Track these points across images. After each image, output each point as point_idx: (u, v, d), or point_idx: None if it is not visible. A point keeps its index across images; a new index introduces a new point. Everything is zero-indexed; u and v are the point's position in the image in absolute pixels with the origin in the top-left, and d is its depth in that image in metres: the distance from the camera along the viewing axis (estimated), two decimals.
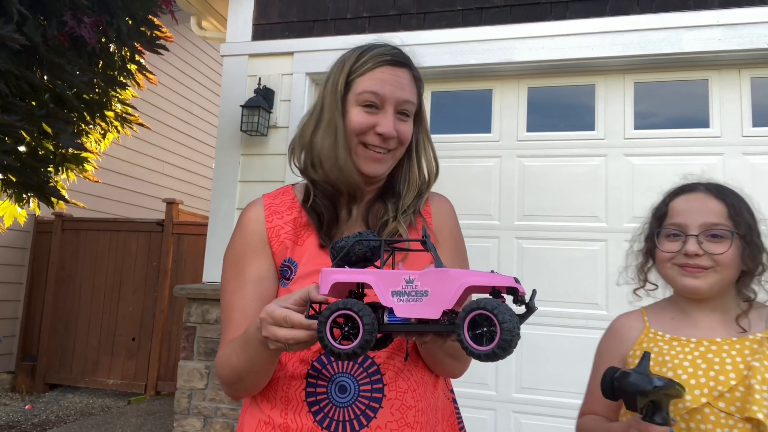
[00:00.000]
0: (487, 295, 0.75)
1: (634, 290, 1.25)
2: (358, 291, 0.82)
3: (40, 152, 2.24)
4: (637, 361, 1.07)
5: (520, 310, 0.77)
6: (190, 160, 7.78)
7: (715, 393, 1.06)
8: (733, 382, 1.06)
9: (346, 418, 0.98)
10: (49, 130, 2.20)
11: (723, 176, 3.25)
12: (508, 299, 0.74)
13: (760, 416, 1.01)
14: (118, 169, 6.25)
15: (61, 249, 5.82)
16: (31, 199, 2.37)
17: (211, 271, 3.85)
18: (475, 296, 0.78)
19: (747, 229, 1.13)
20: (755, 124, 3.29)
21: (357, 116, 1.08)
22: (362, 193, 1.12)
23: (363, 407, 0.99)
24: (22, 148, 2.14)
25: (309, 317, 0.82)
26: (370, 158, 1.10)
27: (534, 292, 0.78)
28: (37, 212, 2.83)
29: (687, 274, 1.13)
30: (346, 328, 0.77)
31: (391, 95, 1.08)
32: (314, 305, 0.83)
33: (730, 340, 1.12)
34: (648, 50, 3.33)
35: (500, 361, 3.36)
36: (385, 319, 0.78)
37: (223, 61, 4.12)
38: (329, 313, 0.77)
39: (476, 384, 3.38)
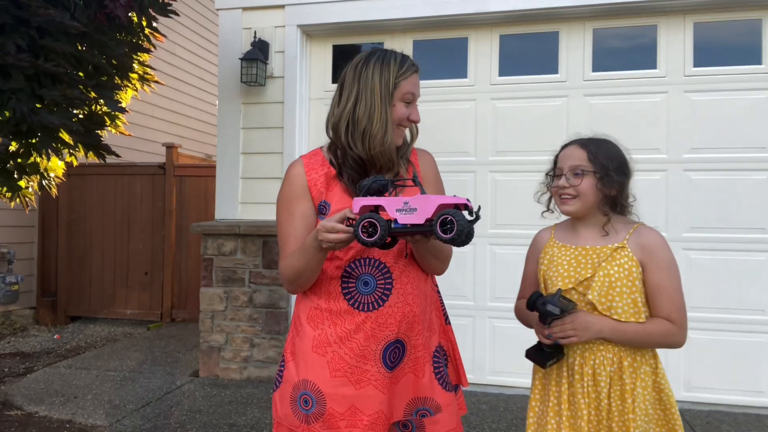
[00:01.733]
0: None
1: (542, 213, 1.76)
2: (375, 211, 1.35)
3: (94, 117, 2.66)
4: (546, 258, 1.69)
5: (471, 217, 1.32)
6: (181, 104, 8.03)
7: (576, 281, 1.59)
8: (589, 275, 1.58)
9: (369, 301, 1.52)
10: (93, 95, 2.60)
11: (666, 113, 3.78)
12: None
13: (589, 297, 1.56)
14: None
15: (68, 194, 6.20)
16: (79, 153, 2.81)
17: (223, 209, 4.33)
18: None
19: (600, 168, 1.58)
20: (696, 65, 3.77)
21: (402, 109, 1.54)
22: (395, 166, 1.57)
23: (380, 294, 1.52)
24: (75, 111, 2.55)
25: (347, 226, 1.36)
26: (400, 135, 1.58)
27: (479, 207, 1.33)
28: (75, 164, 3.25)
29: (563, 202, 1.64)
30: (370, 230, 1.30)
31: (417, 93, 1.57)
32: (349, 219, 1.37)
33: (594, 248, 1.62)
34: None
35: (477, 277, 3.96)
36: (392, 225, 1.33)
37: (218, 14, 4.42)
38: (361, 221, 1.31)
39: (458, 296, 3.99)
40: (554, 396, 1.67)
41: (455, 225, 1.22)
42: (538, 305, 1.54)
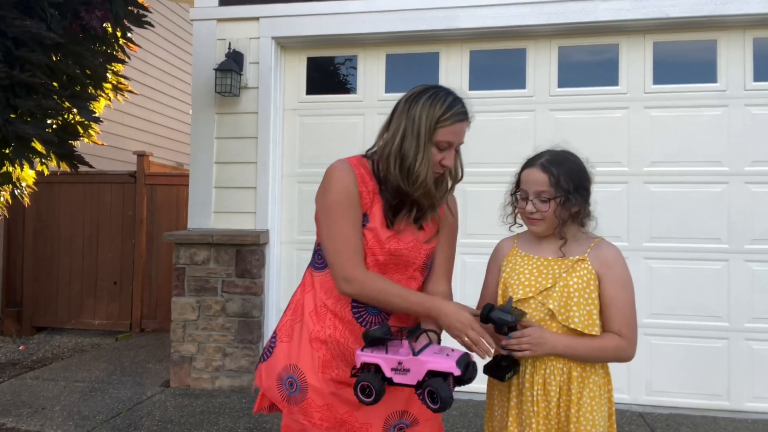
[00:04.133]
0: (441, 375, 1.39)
1: (510, 227, 1.81)
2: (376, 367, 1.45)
3: (68, 127, 2.66)
4: (508, 266, 1.74)
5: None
6: (152, 112, 7.98)
7: (536, 290, 1.65)
8: (548, 285, 1.64)
9: (374, 322, 1.62)
10: (67, 105, 2.61)
11: (627, 128, 3.94)
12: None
13: (550, 306, 1.62)
14: None
15: (36, 202, 6.09)
16: (51, 162, 2.81)
17: (195, 219, 4.33)
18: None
19: (562, 192, 1.64)
20: (655, 82, 3.95)
21: (435, 154, 1.59)
22: (435, 204, 1.66)
23: (384, 315, 1.63)
24: (48, 121, 2.55)
25: (352, 375, 1.48)
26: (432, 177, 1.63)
27: (469, 365, 1.42)
28: (46, 172, 3.24)
29: (530, 223, 1.72)
30: (367, 391, 1.42)
31: (456, 142, 1.61)
32: (353, 369, 1.49)
33: (555, 259, 1.69)
34: (569, 19, 3.90)
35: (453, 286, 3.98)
36: (390, 378, 1.44)
37: (192, 24, 4.44)
38: (357, 383, 1.43)
39: None
40: (499, 407, 1.74)
41: (439, 399, 1.35)
42: (492, 316, 1.56)
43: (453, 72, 4.16)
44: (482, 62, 4.17)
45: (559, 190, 1.64)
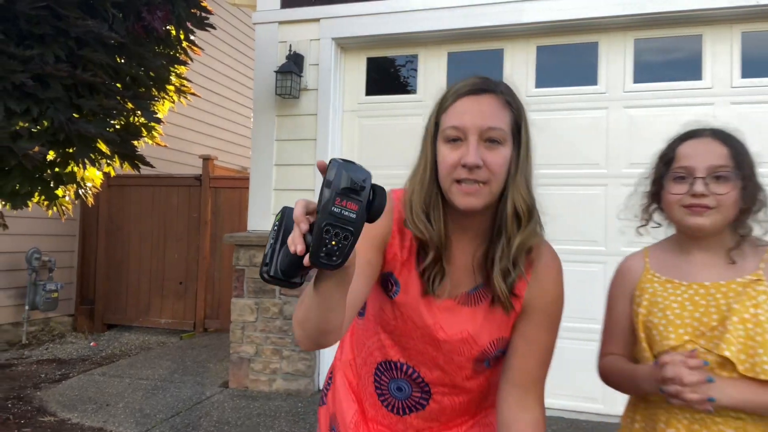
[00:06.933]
0: None
1: (638, 227, 1.34)
2: None
3: (130, 128, 2.70)
4: (644, 299, 1.27)
5: None
6: (217, 116, 8.18)
7: (697, 333, 1.17)
8: (714, 323, 1.16)
9: (401, 407, 1.24)
10: (130, 106, 2.65)
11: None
12: None
13: (727, 354, 1.13)
14: None
15: (108, 203, 6.35)
16: (115, 163, 2.87)
17: (255, 221, 4.34)
18: None
19: (749, 170, 1.20)
20: (744, 75, 3.61)
21: (445, 154, 1.06)
22: (446, 245, 1.11)
23: (414, 402, 1.23)
24: (111, 121, 2.60)
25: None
26: (462, 192, 1.04)
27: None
28: (112, 174, 3.31)
29: (693, 214, 1.19)
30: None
31: (471, 124, 1.04)
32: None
33: (717, 284, 1.19)
34: (647, 9, 3.63)
35: None
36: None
37: (255, 28, 4.47)
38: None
39: None
40: None
41: None
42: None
43: (518, 69, 3.97)
44: (550, 58, 3.95)
45: (745, 167, 1.20)
